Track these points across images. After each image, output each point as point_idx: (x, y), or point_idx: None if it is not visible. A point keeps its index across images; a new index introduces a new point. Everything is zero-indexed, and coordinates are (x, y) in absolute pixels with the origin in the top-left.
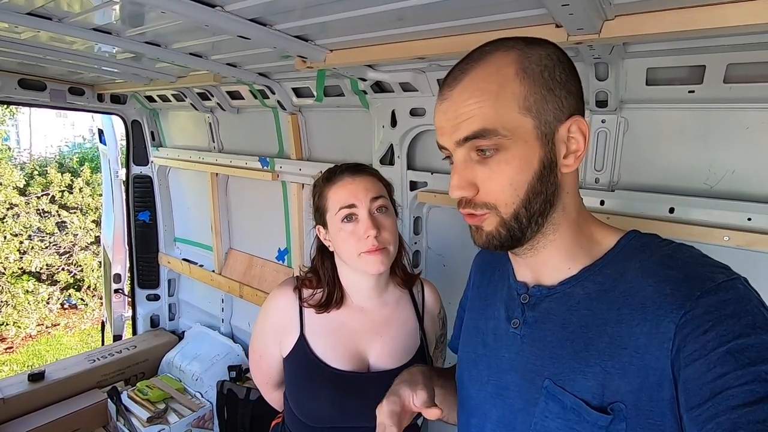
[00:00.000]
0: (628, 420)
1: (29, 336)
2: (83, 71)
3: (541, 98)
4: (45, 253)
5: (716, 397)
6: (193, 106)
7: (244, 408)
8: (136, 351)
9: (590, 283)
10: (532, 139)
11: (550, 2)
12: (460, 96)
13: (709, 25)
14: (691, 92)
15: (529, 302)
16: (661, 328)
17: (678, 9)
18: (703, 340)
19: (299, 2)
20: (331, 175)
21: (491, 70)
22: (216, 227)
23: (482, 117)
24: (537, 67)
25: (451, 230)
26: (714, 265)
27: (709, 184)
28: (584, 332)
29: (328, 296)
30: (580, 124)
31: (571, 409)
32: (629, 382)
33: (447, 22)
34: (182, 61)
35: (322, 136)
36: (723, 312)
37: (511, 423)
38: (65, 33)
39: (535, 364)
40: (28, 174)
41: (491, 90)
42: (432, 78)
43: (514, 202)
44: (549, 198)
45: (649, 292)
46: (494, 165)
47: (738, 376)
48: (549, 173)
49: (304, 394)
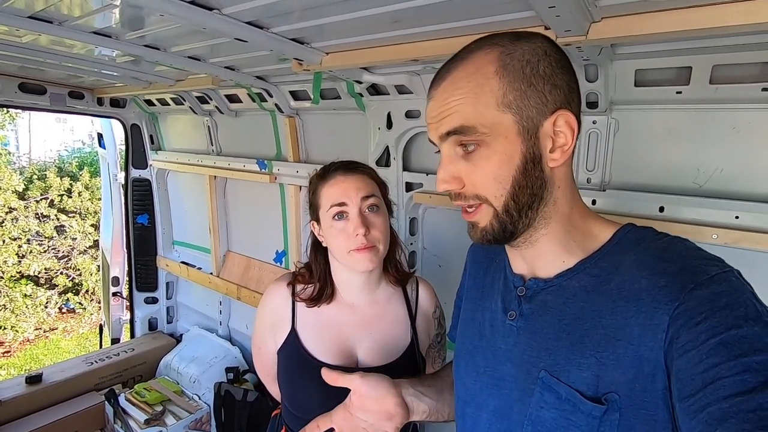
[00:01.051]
0: (622, 410)
1: (27, 340)
2: (83, 75)
3: (521, 94)
4: (43, 257)
5: (708, 387)
6: (191, 109)
7: (241, 409)
8: (133, 354)
9: (586, 275)
10: (512, 135)
11: (538, 5)
12: (442, 95)
13: (694, 26)
14: (678, 93)
15: (525, 294)
16: (655, 319)
17: (663, 11)
18: (696, 331)
19: (295, 5)
20: (325, 173)
21: (471, 70)
22: (214, 230)
23: (461, 114)
24: (518, 63)
25: (447, 231)
26: (708, 258)
27: (698, 184)
28: (580, 324)
29: (319, 291)
30: (567, 118)
31: (566, 399)
32: (623, 373)
33: (440, 24)
34: (181, 64)
35: (319, 138)
36: (716, 304)
37: (506, 413)
38: (66, 36)
39: (531, 356)
40: (27, 178)
41: (470, 88)
42: (426, 80)
43: (503, 195)
44: (536, 192)
45: (644, 285)
46: (477, 160)
47: (730, 367)
48: (533, 167)
49: (294, 386)
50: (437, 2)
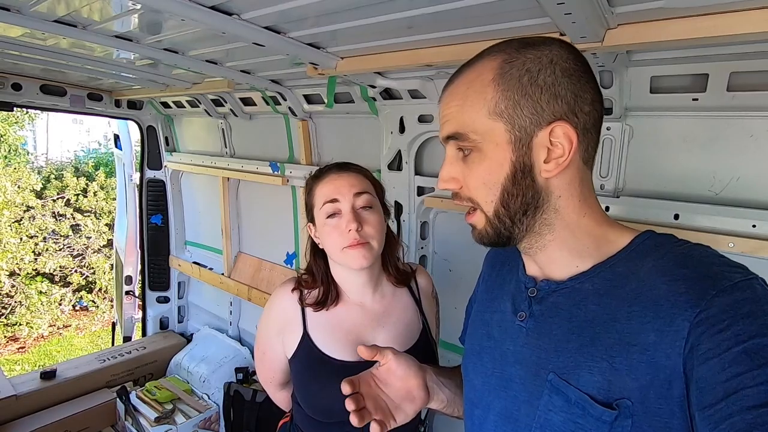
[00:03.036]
0: (635, 417)
1: (41, 336)
2: (102, 77)
3: (514, 104)
4: (59, 255)
5: (730, 397)
6: (206, 112)
7: (250, 410)
8: (145, 352)
9: (600, 279)
10: (503, 143)
11: (554, 11)
12: (445, 100)
13: (710, 34)
14: (695, 100)
15: (536, 296)
16: (674, 325)
17: (680, 18)
18: (718, 339)
19: (311, 11)
20: (320, 173)
21: (473, 77)
22: (226, 231)
23: (456, 121)
24: (516, 72)
25: (458, 235)
26: (730, 265)
27: (714, 191)
28: (591, 327)
29: (324, 294)
30: (565, 130)
31: (576, 403)
32: (637, 379)
33: (454, 30)
34: (198, 68)
35: (332, 141)
36: (739, 311)
37: (513, 415)
38: (89, 40)
39: (540, 357)
40: (44, 178)
41: (467, 95)
42: (439, 85)
43: (492, 201)
44: (528, 201)
45: (663, 290)
46: (471, 164)
47: (754, 376)
48: (523, 176)
49: (312, 390)
50: (451, 9)
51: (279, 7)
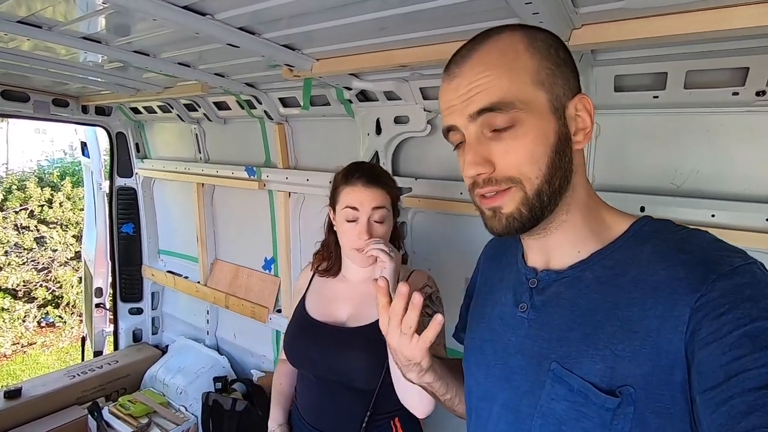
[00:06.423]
0: (637, 403)
1: (3, 356)
2: (69, 82)
3: (551, 73)
4: (22, 269)
5: (731, 380)
6: (179, 117)
7: (230, 419)
8: (117, 366)
9: (600, 267)
10: (546, 113)
11: (522, 11)
12: (472, 70)
13: (666, 33)
14: (655, 97)
15: (537, 286)
16: (675, 311)
17: (639, 18)
18: (719, 322)
19: (285, 12)
20: (350, 176)
21: (501, 45)
22: (201, 238)
23: (499, 88)
24: (543, 44)
25: (436, 234)
26: (729, 249)
27: (675, 184)
28: (593, 315)
29: (330, 265)
30: (585, 102)
31: (578, 391)
32: (640, 366)
33: (426, 31)
34: (170, 71)
35: (309, 144)
36: (740, 295)
37: (516, 405)
38: (54, 41)
39: (542, 347)
40: (5, 189)
41: (504, 63)
42: (415, 86)
43: (538, 177)
44: (566, 175)
45: (663, 276)
46: (510, 140)
47: (755, 359)
48: (565, 147)
49: (288, 338)
50: (421, 9)
51: (253, 7)
